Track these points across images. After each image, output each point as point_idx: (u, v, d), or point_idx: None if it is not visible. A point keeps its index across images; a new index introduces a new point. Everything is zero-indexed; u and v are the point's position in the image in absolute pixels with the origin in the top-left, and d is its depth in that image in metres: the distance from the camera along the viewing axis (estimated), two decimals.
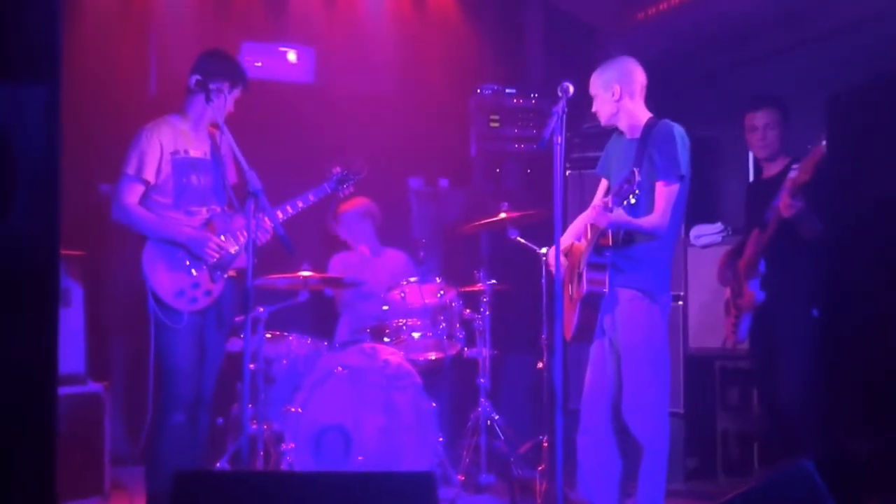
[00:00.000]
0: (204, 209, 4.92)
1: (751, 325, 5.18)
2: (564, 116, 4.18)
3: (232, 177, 5.10)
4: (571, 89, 4.24)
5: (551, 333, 5.21)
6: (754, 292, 5.09)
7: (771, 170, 5.34)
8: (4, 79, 2.73)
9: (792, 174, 4.77)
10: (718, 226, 6.18)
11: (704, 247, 6.20)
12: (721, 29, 6.36)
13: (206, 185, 4.94)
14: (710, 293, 6.14)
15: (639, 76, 4.72)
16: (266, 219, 4.72)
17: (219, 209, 4.95)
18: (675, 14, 6.46)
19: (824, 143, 4.66)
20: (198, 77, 4.83)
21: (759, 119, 5.37)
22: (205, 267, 4.82)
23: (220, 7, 7.13)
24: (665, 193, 4.50)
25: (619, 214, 4.37)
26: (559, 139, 4.11)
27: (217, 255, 4.82)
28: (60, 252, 2.83)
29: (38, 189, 2.74)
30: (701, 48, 6.54)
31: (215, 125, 4.92)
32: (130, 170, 4.79)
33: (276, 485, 3.32)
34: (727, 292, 5.39)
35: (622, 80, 4.68)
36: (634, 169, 4.20)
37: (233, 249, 4.88)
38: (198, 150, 4.96)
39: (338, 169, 5.24)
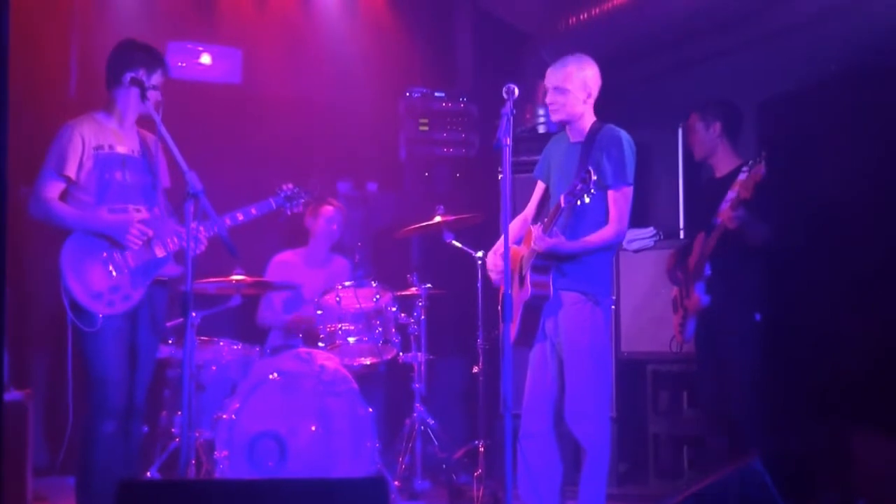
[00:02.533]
0: (129, 208, 4.72)
1: (696, 327, 5.22)
2: (512, 118, 4.14)
3: (165, 180, 4.96)
4: (517, 91, 4.21)
5: (489, 337, 5.22)
6: (700, 295, 5.13)
7: (722, 170, 5.38)
8: None
9: (741, 177, 4.80)
10: (650, 230, 6.23)
11: (637, 251, 6.24)
12: (652, 34, 6.41)
13: (132, 183, 4.76)
14: (641, 297, 6.19)
15: (600, 81, 4.71)
16: (202, 229, 4.59)
17: (147, 211, 4.76)
18: (606, 20, 6.49)
19: (763, 163, 4.70)
20: (131, 74, 4.69)
21: (697, 121, 5.44)
22: (126, 271, 4.64)
23: (147, 7, 6.96)
24: (618, 200, 4.51)
25: (559, 242, 4.41)
26: (507, 140, 4.07)
27: (139, 242, 4.63)
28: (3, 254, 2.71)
29: None
30: (631, 53, 6.57)
31: (145, 119, 4.75)
32: (50, 165, 4.64)
33: (225, 494, 3.22)
34: (674, 291, 5.42)
35: (596, 83, 4.68)
36: (590, 168, 4.19)
37: (160, 253, 4.72)
38: (125, 146, 4.79)
39: (289, 186, 5.08)
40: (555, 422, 4.64)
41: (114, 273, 4.61)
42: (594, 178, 4.16)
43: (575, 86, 4.63)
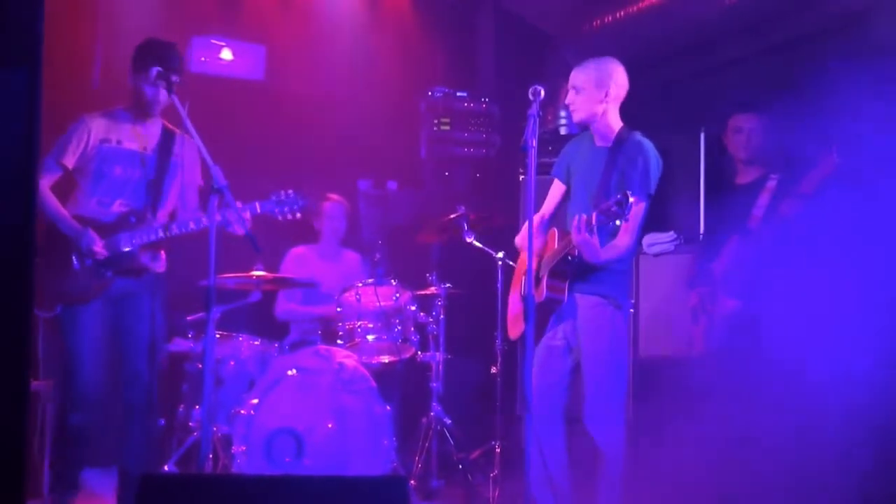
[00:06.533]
0: (117, 202, 4.86)
1: (724, 333, 5.19)
2: (538, 119, 4.13)
3: (197, 178, 5.11)
4: (543, 92, 4.20)
5: (508, 338, 5.20)
6: (731, 300, 5.10)
7: (747, 176, 5.37)
8: None
9: (770, 184, 4.79)
10: (671, 234, 6.19)
11: (657, 255, 6.21)
12: (676, 39, 6.40)
13: (130, 178, 4.90)
14: (660, 301, 6.17)
15: (626, 83, 4.68)
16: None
17: (132, 207, 4.89)
18: (631, 23, 6.49)
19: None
20: (158, 69, 4.72)
21: (745, 121, 5.41)
22: (91, 262, 4.76)
23: (173, 1, 6.98)
24: (633, 212, 4.47)
25: (595, 245, 4.35)
26: (533, 142, 4.07)
27: (99, 254, 4.76)
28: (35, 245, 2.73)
29: (12, 180, 2.63)
30: (655, 57, 6.56)
31: (174, 115, 4.81)
32: (52, 153, 4.81)
33: (247, 489, 3.23)
34: (694, 298, 5.39)
35: (615, 82, 4.64)
36: (628, 192, 4.13)
37: (125, 248, 4.82)
38: (137, 143, 4.92)
39: (291, 192, 5.03)
40: (563, 421, 4.63)
41: (76, 265, 4.76)
42: (631, 202, 4.11)
43: (589, 84, 4.61)
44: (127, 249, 4.82)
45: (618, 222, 4.23)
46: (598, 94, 4.61)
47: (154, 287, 5.00)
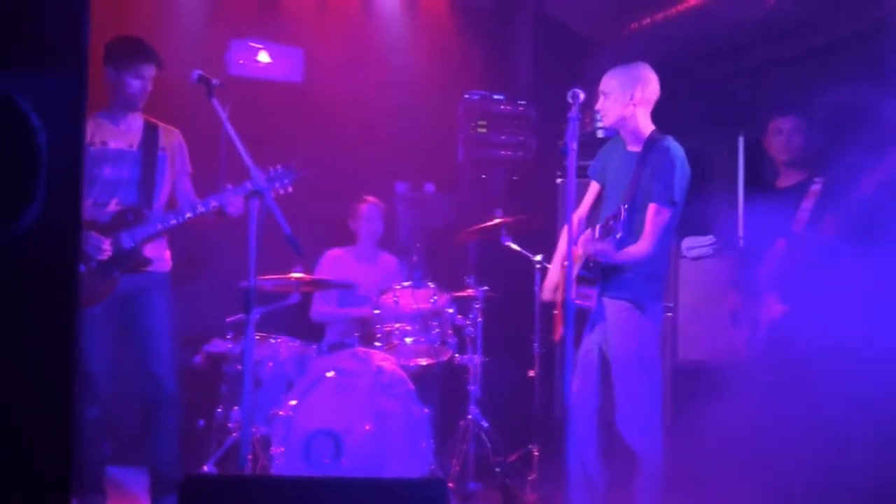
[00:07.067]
0: (113, 201, 4.92)
1: (768, 337, 5.15)
2: (578, 122, 4.14)
3: (186, 166, 5.21)
4: (582, 95, 4.21)
5: (545, 341, 5.20)
6: (775, 304, 5.07)
7: (788, 179, 5.34)
8: (31, 68, 2.64)
9: (815, 187, 4.76)
10: (710, 238, 6.18)
11: (696, 259, 6.19)
12: (714, 41, 6.36)
13: (121, 177, 4.96)
14: (700, 305, 6.14)
15: (656, 88, 4.69)
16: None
17: (128, 205, 4.94)
18: (670, 26, 6.45)
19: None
20: (199, 73, 4.74)
21: (786, 123, 5.39)
22: (95, 264, 4.79)
23: (210, 4, 7.02)
24: (655, 218, 4.49)
25: (606, 248, 4.37)
26: (573, 145, 4.07)
27: (105, 253, 4.79)
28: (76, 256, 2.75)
29: (61, 183, 2.65)
30: (694, 60, 6.52)
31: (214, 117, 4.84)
32: None
33: (287, 490, 3.24)
34: (734, 301, 5.35)
35: (643, 86, 4.64)
36: (622, 206, 4.21)
37: (128, 245, 4.87)
38: (120, 141, 4.99)
39: (279, 167, 4.98)
40: (597, 426, 4.62)
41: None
42: (624, 216, 4.17)
43: (617, 89, 4.64)
44: (130, 246, 4.87)
45: (617, 235, 4.24)
46: (625, 98, 4.63)
47: (161, 285, 5.08)
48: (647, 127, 4.67)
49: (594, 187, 4.91)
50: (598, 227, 4.40)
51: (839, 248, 4.89)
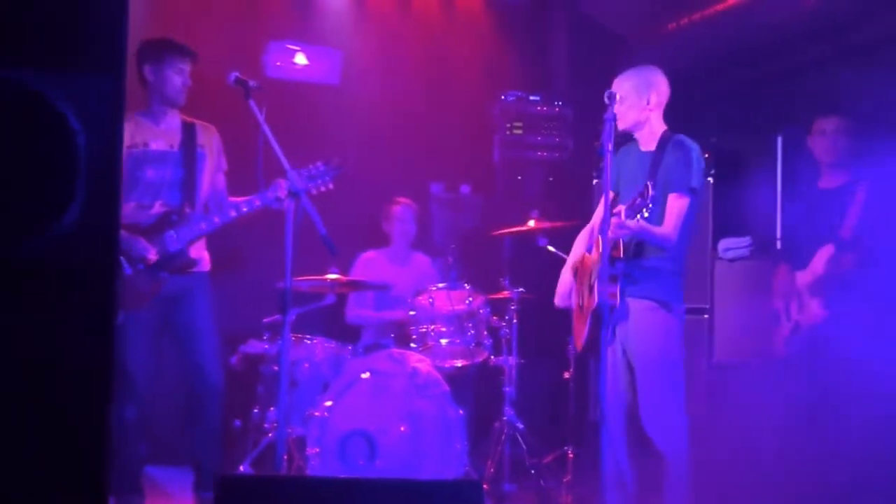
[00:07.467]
0: (157, 203, 4.93)
1: (808, 341, 5.10)
2: (614, 123, 4.13)
3: (223, 163, 5.22)
4: (618, 96, 4.20)
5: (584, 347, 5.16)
6: (818, 309, 5.02)
7: (832, 181, 5.28)
8: (71, 69, 2.66)
9: (861, 189, 4.71)
10: (747, 239, 6.13)
11: (732, 260, 6.14)
12: (752, 41, 6.31)
13: (164, 179, 4.97)
14: (736, 306, 6.10)
15: (667, 91, 4.69)
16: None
17: (173, 206, 4.95)
18: (707, 25, 6.41)
19: None
20: (237, 75, 4.75)
21: (830, 124, 5.34)
22: (142, 266, 4.79)
23: (248, 6, 7.06)
24: (676, 206, 4.46)
25: (639, 223, 4.32)
26: (609, 146, 4.06)
27: (152, 258, 4.80)
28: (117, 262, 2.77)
29: (100, 184, 2.67)
30: (731, 60, 6.48)
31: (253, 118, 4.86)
32: None
33: (322, 491, 3.25)
34: (778, 302, 5.30)
35: (657, 91, 4.64)
36: (648, 182, 4.16)
37: (174, 248, 4.87)
38: (161, 142, 5.00)
39: (320, 164, 4.92)
40: (627, 426, 4.60)
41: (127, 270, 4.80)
42: (652, 192, 4.11)
43: (631, 93, 4.61)
44: (176, 248, 4.89)
45: (645, 212, 4.18)
46: (642, 102, 4.62)
47: (203, 285, 5.11)
48: (660, 127, 4.68)
49: (609, 194, 4.89)
50: (622, 209, 4.33)
51: (888, 259, 4.85)
